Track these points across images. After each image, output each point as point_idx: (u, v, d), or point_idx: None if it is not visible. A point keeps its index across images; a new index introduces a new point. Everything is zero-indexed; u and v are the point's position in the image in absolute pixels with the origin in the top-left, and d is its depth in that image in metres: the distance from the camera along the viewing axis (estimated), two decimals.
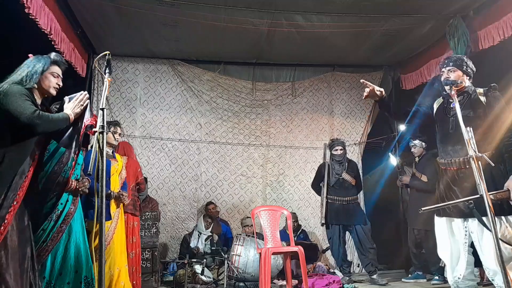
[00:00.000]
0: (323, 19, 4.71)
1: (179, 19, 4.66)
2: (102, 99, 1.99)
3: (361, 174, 5.51)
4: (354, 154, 6.11)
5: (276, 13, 4.57)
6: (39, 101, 2.22)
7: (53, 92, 2.25)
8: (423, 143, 4.77)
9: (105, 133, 1.92)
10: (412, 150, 4.91)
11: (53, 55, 2.28)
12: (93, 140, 1.92)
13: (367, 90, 2.72)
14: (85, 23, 4.75)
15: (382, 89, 2.74)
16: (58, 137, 2.22)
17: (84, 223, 2.60)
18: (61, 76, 2.30)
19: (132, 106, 5.81)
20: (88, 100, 2.22)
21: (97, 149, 1.88)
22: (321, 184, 4.92)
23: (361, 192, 5.54)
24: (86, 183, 2.72)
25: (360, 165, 5.97)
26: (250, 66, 6.20)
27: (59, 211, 2.31)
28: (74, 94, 2.28)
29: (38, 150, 2.14)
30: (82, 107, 2.18)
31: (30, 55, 2.29)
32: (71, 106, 2.17)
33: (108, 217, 3.34)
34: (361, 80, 2.80)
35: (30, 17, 3.49)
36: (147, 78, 5.93)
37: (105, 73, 2.09)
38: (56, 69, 2.26)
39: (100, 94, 5.42)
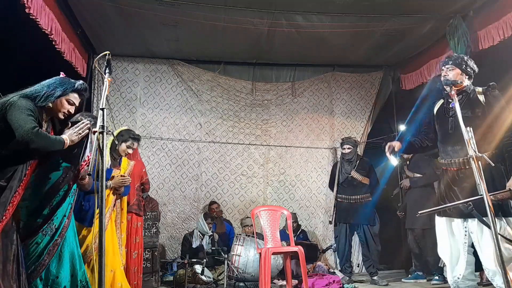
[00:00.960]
0: (323, 19, 4.71)
1: (179, 19, 4.67)
2: (102, 99, 1.99)
3: None
4: None
5: (276, 13, 4.57)
6: (45, 119, 2.22)
7: (61, 116, 2.26)
8: None
9: (105, 133, 1.92)
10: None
11: (78, 83, 2.29)
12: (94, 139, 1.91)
13: (389, 151, 2.89)
14: (85, 23, 4.75)
15: (399, 143, 2.92)
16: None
17: (75, 228, 2.59)
18: (77, 104, 2.30)
19: (132, 106, 5.80)
20: (88, 130, 2.22)
21: (97, 149, 1.88)
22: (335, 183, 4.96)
23: None
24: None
25: None
26: (250, 66, 6.20)
27: (55, 226, 2.29)
28: (78, 120, 2.30)
29: (31, 167, 2.13)
30: (79, 136, 2.21)
31: (62, 73, 2.30)
32: (70, 132, 2.20)
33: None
34: (384, 146, 2.96)
35: (30, 17, 3.50)
36: (147, 78, 5.92)
37: (105, 73, 2.09)
38: (74, 97, 2.28)
39: (100, 94, 5.42)
